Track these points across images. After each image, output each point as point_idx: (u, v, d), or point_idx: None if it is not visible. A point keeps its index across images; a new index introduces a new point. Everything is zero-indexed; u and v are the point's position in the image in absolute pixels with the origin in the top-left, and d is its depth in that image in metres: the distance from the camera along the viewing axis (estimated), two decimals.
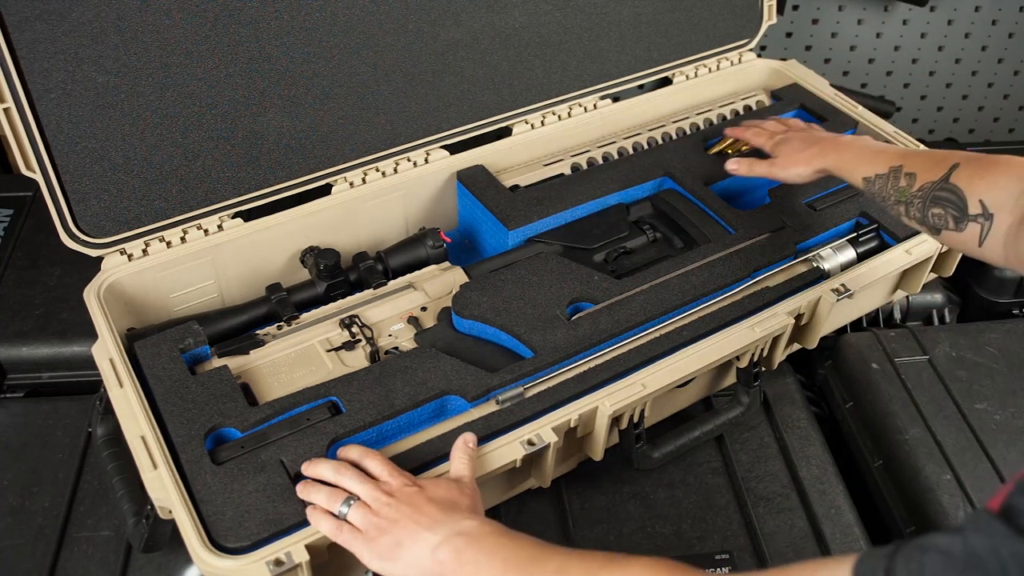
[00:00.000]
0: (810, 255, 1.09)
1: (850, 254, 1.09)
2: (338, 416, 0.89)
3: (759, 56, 1.42)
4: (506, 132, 1.23)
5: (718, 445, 1.07)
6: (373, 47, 1.09)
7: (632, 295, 1.02)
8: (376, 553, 0.76)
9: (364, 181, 1.13)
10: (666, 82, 1.36)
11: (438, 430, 0.91)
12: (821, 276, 1.08)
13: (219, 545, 0.78)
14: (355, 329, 1.01)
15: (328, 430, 0.87)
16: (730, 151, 1.25)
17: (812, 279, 1.07)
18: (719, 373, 1.08)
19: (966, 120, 1.92)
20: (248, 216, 1.07)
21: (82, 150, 0.96)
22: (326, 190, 1.12)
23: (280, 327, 1.01)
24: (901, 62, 1.81)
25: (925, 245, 1.09)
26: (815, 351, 1.15)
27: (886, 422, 1.10)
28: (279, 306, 1.02)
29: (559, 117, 1.26)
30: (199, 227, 1.05)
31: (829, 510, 1.00)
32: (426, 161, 1.17)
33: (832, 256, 1.09)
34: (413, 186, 1.16)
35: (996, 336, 1.20)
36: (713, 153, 1.24)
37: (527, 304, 1.00)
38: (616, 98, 1.31)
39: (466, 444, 0.85)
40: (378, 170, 1.14)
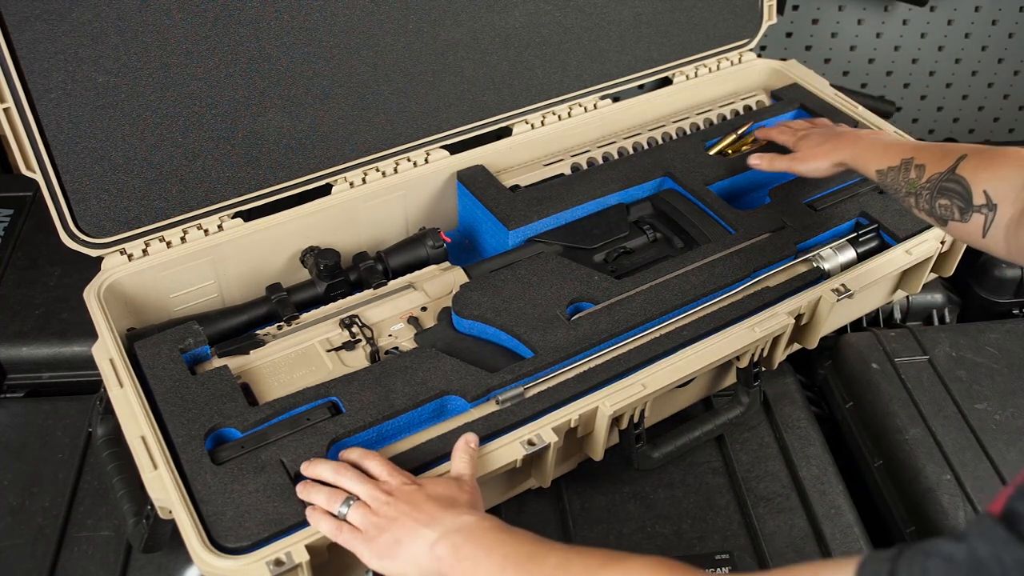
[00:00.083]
0: (810, 255, 1.09)
1: (850, 254, 1.09)
2: (338, 416, 0.89)
3: (759, 56, 1.42)
4: (506, 132, 1.23)
5: (718, 445, 1.07)
6: (373, 47, 1.09)
7: (632, 295, 1.02)
8: (375, 552, 0.76)
9: (364, 181, 1.13)
10: (666, 82, 1.36)
11: (438, 430, 0.91)
12: (821, 276, 1.08)
13: (219, 545, 0.78)
14: (355, 329, 1.01)
15: (328, 430, 0.87)
16: (730, 151, 1.25)
17: (812, 279, 1.07)
18: (719, 373, 1.08)
19: (966, 120, 1.92)
20: (248, 216, 1.07)
21: (82, 150, 0.96)
22: (326, 190, 1.12)
23: (280, 327, 1.01)
24: (901, 62, 1.81)
25: (925, 245, 1.09)
26: (815, 351, 1.15)
27: (886, 422, 1.10)
28: (279, 306, 1.02)
29: (559, 117, 1.26)
30: (199, 227, 1.05)
31: (829, 510, 1.00)
32: (426, 161, 1.17)
33: (832, 256, 1.09)
34: (413, 186, 1.16)
35: (996, 336, 1.20)
36: (713, 153, 1.25)
37: (527, 304, 1.00)
38: (616, 98, 1.31)
39: (467, 444, 0.85)
40: (378, 170, 1.14)
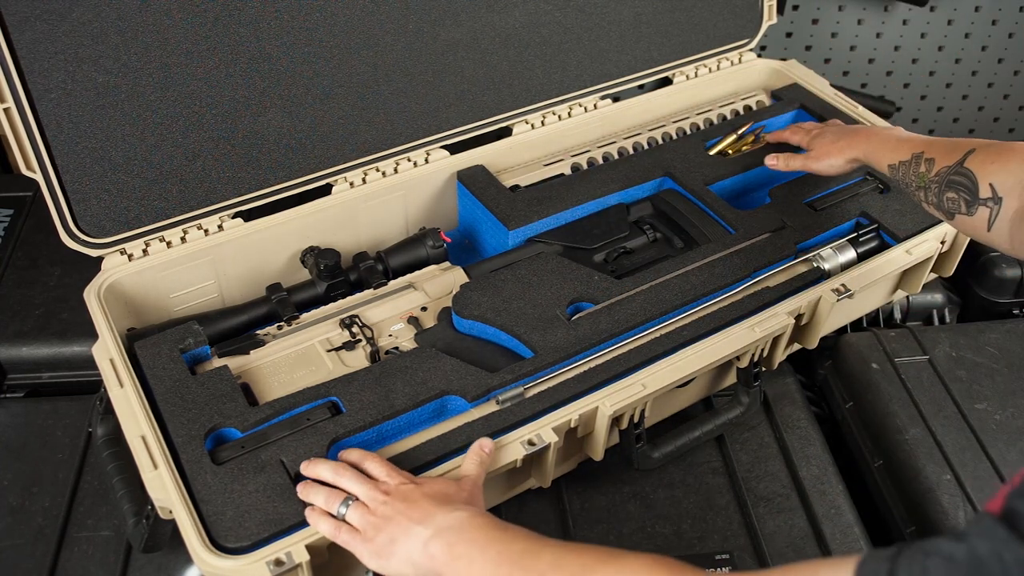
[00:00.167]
0: (810, 255, 1.09)
1: (850, 254, 1.09)
2: (338, 416, 0.89)
3: (759, 56, 1.42)
4: (506, 132, 1.23)
5: (718, 445, 1.07)
6: (373, 47, 1.09)
7: (632, 295, 1.02)
8: (373, 551, 0.76)
9: (364, 181, 1.13)
10: (666, 82, 1.36)
11: (438, 430, 0.91)
12: (821, 276, 1.08)
13: (219, 545, 0.78)
14: (355, 329, 1.01)
15: (328, 430, 0.87)
16: (730, 151, 1.25)
17: (812, 279, 1.07)
18: (719, 373, 1.08)
19: (966, 120, 1.92)
20: (248, 216, 1.07)
21: (82, 150, 0.96)
22: (326, 190, 1.12)
23: (280, 327, 1.01)
24: (901, 62, 1.81)
25: (925, 245, 1.09)
26: (815, 351, 1.15)
27: (886, 422, 1.10)
28: (279, 306, 1.02)
29: (559, 117, 1.26)
30: (199, 227, 1.05)
31: (829, 510, 1.00)
32: (426, 161, 1.17)
33: (832, 256, 1.09)
34: (413, 186, 1.16)
35: (996, 336, 1.20)
36: (713, 153, 1.25)
37: (527, 304, 1.00)
38: (616, 98, 1.31)
39: (480, 447, 0.85)
40: (378, 170, 1.14)
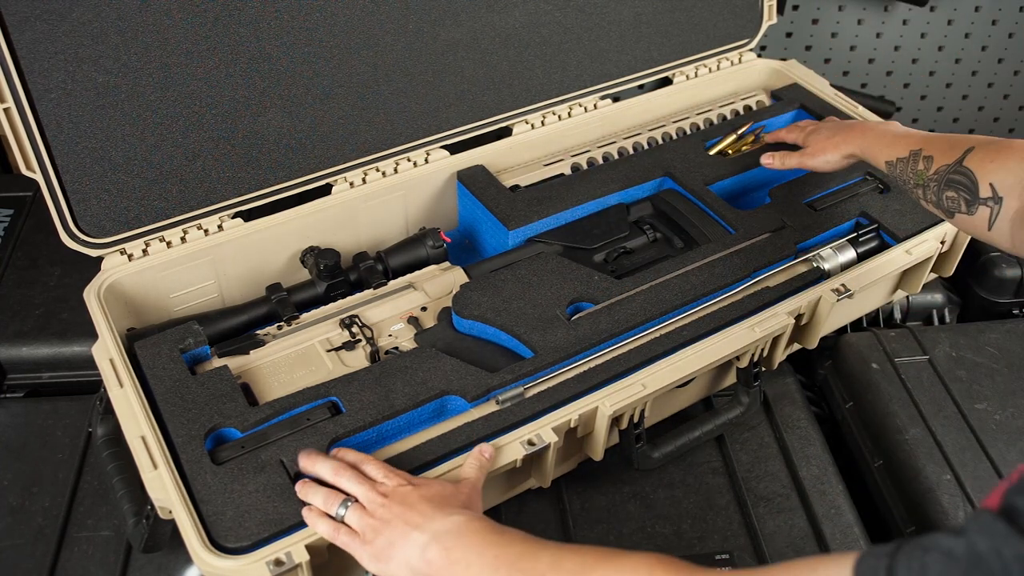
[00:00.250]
0: (810, 255, 1.09)
1: (850, 254, 1.09)
2: (338, 416, 0.89)
3: (759, 56, 1.42)
4: (506, 132, 1.23)
5: (718, 445, 1.07)
6: (373, 47, 1.09)
7: (632, 295, 1.02)
8: (372, 554, 0.76)
9: (364, 181, 1.13)
10: (666, 82, 1.36)
11: (438, 430, 0.91)
12: (821, 276, 1.08)
13: (219, 545, 0.78)
14: (355, 329, 1.01)
15: (328, 430, 0.87)
16: (730, 151, 1.25)
17: (812, 279, 1.07)
18: (719, 373, 1.08)
19: (966, 120, 1.92)
20: (248, 216, 1.07)
21: (82, 150, 0.96)
22: (326, 190, 1.12)
23: (280, 327, 1.01)
24: (901, 62, 1.81)
25: (925, 245, 1.09)
26: (815, 351, 1.15)
27: (886, 422, 1.10)
28: (279, 306, 1.02)
29: (559, 117, 1.26)
30: (199, 227, 1.05)
31: (829, 510, 1.00)
32: (426, 161, 1.17)
33: (832, 256, 1.09)
34: (413, 186, 1.16)
35: (996, 336, 1.20)
36: (714, 153, 1.25)
37: (527, 304, 1.00)
38: (616, 98, 1.31)
39: (481, 451, 0.85)
40: (378, 170, 1.14)
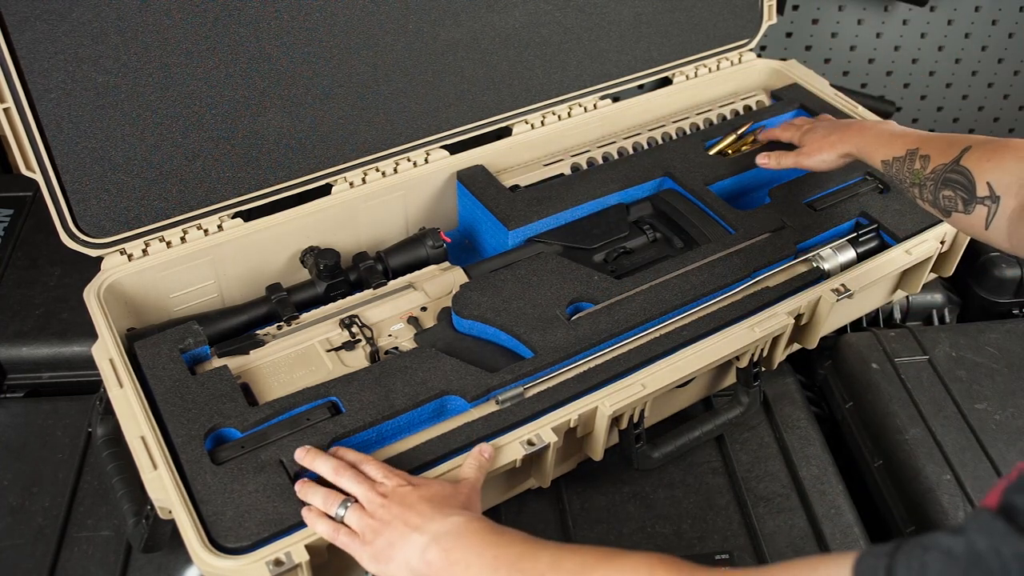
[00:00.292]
0: (810, 255, 1.09)
1: (850, 254, 1.09)
2: (338, 416, 0.89)
3: (759, 56, 1.42)
4: (506, 132, 1.23)
5: (718, 445, 1.07)
6: (373, 47, 1.09)
7: (632, 295, 1.02)
8: (371, 555, 0.76)
9: (364, 181, 1.13)
10: (666, 82, 1.36)
11: (438, 430, 0.91)
12: (821, 276, 1.08)
13: (219, 545, 0.78)
14: (355, 329, 1.01)
15: (328, 430, 0.87)
16: (730, 151, 1.25)
17: (812, 279, 1.07)
18: (719, 373, 1.08)
19: (966, 120, 1.92)
20: (248, 216, 1.07)
21: (82, 150, 0.96)
22: (326, 190, 1.12)
23: (280, 327, 1.01)
24: (901, 62, 1.81)
25: (925, 245, 1.09)
26: (815, 351, 1.15)
27: (886, 422, 1.10)
28: (279, 306, 1.02)
29: (559, 117, 1.26)
30: (199, 227, 1.05)
31: (829, 510, 1.00)
32: (426, 161, 1.17)
33: (832, 256, 1.09)
34: (413, 186, 1.16)
35: (996, 336, 1.20)
36: (713, 153, 1.25)
37: (527, 304, 1.00)
38: (616, 98, 1.31)
39: (480, 452, 0.85)
40: (378, 170, 1.14)
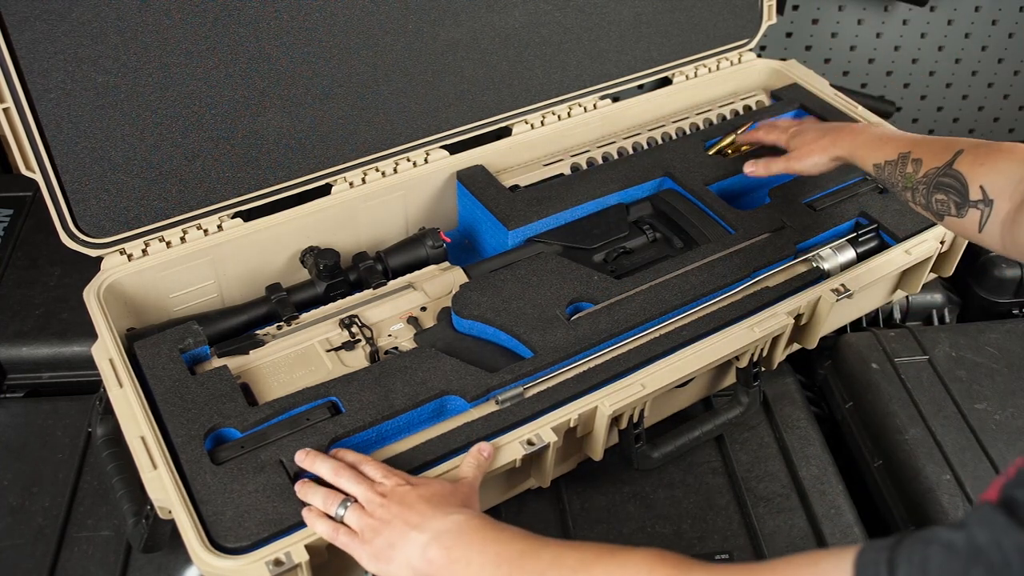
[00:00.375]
0: (810, 255, 1.09)
1: (850, 254, 1.09)
2: (338, 416, 0.89)
3: (759, 56, 1.42)
4: (506, 132, 1.23)
5: (718, 445, 1.07)
6: (373, 47, 1.09)
7: (632, 295, 1.02)
8: (371, 554, 0.76)
9: (364, 181, 1.13)
10: (666, 82, 1.36)
11: (438, 430, 0.91)
12: (821, 276, 1.08)
13: (219, 545, 0.78)
14: (355, 329, 1.01)
15: (328, 430, 0.87)
16: (730, 151, 1.25)
17: (812, 279, 1.07)
18: (719, 373, 1.08)
19: (966, 120, 1.92)
20: (248, 216, 1.07)
21: (82, 150, 0.96)
22: (326, 190, 1.12)
23: (280, 327, 1.01)
24: (901, 62, 1.81)
25: (925, 245, 1.09)
26: (815, 351, 1.15)
27: (886, 422, 1.10)
28: (279, 306, 1.02)
29: (559, 117, 1.26)
30: (199, 227, 1.05)
31: (829, 510, 1.00)
32: (426, 161, 1.17)
33: (832, 256, 1.09)
34: (413, 186, 1.16)
35: (996, 336, 1.20)
36: (713, 153, 1.24)
37: (527, 304, 1.00)
38: (616, 98, 1.31)
39: (479, 451, 0.85)
40: (378, 170, 1.14)
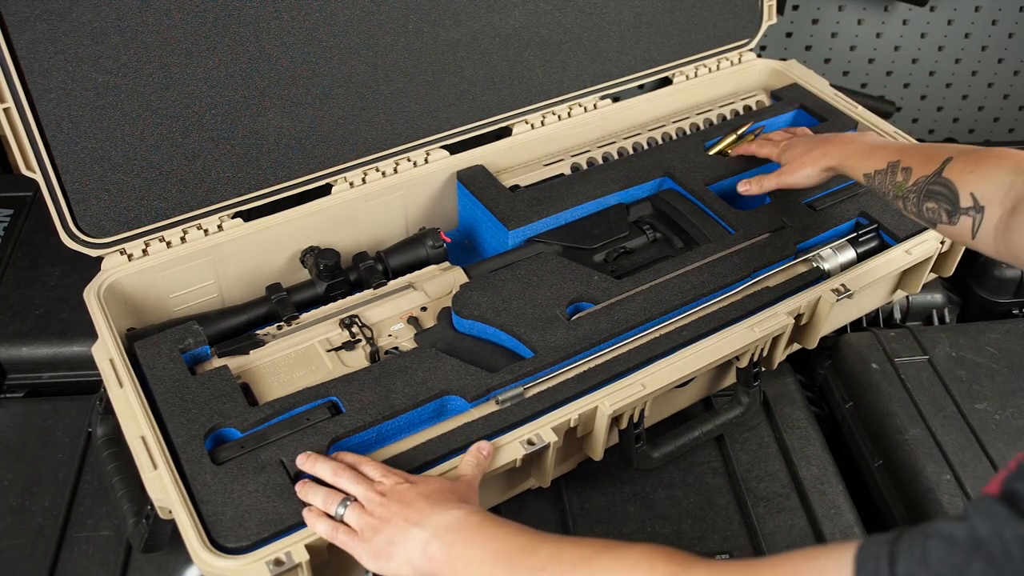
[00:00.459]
0: (810, 255, 1.09)
1: (850, 254, 1.09)
2: (338, 416, 0.89)
3: (759, 56, 1.42)
4: (506, 132, 1.23)
5: (718, 445, 1.07)
6: (373, 47, 1.09)
7: (632, 295, 1.02)
8: (371, 553, 0.76)
9: (364, 181, 1.13)
10: (666, 82, 1.36)
11: (438, 430, 0.91)
12: (821, 276, 1.08)
13: (219, 545, 0.78)
14: (355, 329, 1.01)
15: (328, 430, 0.87)
16: (729, 151, 1.25)
17: (812, 279, 1.07)
18: (719, 373, 1.08)
19: (966, 120, 1.92)
20: (248, 216, 1.07)
21: (82, 150, 0.96)
22: (326, 190, 1.12)
23: (280, 327, 1.01)
24: (901, 62, 1.81)
25: (925, 245, 1.09)
26: (815, 351, 1.15)
27: (886, 422, 1.10)
28: (279, 306, 1.02)
29: (559, 117, 1.26)
30: (199, 227, 1.05)
31: (829, 510, 1.00)
32: (426, 161, 1.17)
33: (832, 256, 1.09)
34: (413, 186, 1.16)
35: (996, 336, 1.20)
36: (713, 153, 1.25)
37: (527, 304, 1.00)
38: (616, 98, 1.31)
39: (479, 449, 0.85)
40: (378, 170, 1.14)
